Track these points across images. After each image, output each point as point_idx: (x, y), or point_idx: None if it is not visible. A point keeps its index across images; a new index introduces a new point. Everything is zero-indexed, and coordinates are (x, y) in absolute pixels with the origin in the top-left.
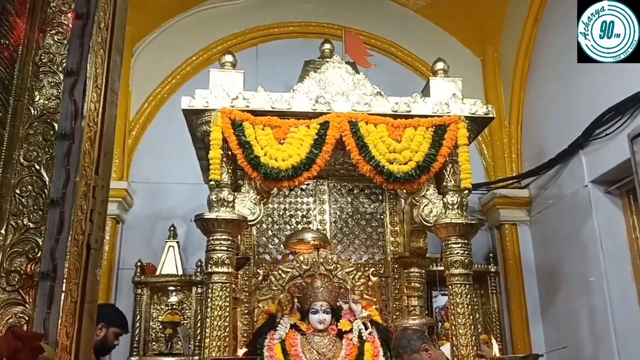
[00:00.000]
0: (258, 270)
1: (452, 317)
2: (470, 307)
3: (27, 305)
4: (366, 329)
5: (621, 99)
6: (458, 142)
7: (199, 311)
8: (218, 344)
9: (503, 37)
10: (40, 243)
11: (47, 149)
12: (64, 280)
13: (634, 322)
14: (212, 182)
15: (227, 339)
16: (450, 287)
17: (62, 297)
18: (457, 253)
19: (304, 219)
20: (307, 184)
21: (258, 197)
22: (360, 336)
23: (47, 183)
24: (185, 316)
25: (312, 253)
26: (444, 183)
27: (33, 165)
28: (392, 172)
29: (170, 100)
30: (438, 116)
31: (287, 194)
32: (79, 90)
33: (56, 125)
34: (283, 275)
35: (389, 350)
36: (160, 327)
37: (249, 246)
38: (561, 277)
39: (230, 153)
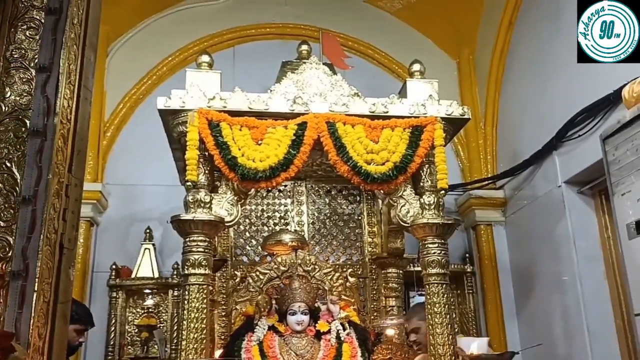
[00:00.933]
0: (235, 272)
1: (429, 316)
2: (447, 306)
3: None
4: (344, 329)
5: (593, 101)
6: (434, 143)
7: (175, 314)
8: (195, 346)
9: (478, 40)
10: (12, 242)
11: (18, 146)
12: (36, 280)
13: (606, 320)
14: (188, 183)
15: (204, 342)
16: (427, 287)
17: (34, 297)
18: (434, 253)
19: (282, 221)
20: (285, 185)
21: (235, 198)
22: (338, 337)
23: (19, 181)
24: (162, 319)
25: (290, 254)
26: (421, 184)
27: (4, 162)
28: (370, 173)
29: (146, 101)
30: (415, 117)
31: (264, 195)
32: (52, 87)
33: (28, 122)
34: (261, 277)
35: (367, 351)
36: (136, 330)
37: (226, 248)
38: (536, 277)
39: (207, 154)
